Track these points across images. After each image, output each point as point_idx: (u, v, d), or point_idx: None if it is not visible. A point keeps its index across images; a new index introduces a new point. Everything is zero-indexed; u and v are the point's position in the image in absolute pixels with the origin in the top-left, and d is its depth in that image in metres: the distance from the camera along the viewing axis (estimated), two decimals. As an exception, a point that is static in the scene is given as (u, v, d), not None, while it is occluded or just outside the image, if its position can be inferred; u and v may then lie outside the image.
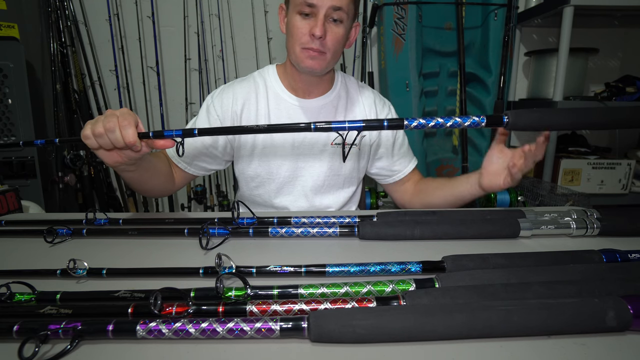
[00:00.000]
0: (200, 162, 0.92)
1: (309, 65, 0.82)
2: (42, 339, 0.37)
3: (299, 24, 0.80)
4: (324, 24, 0.78)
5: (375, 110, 0.97)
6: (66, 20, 1.91)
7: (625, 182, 1.82)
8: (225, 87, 0.93)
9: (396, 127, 0.57)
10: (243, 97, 0.91)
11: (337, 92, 0.95)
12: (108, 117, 0.61)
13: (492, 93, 1.84)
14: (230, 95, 0.91)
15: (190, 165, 0.92)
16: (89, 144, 0.62)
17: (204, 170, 0.94)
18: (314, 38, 0.79)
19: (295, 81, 0.91)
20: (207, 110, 0.91)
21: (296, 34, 0.81)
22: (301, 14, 0.79)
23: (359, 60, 1.94)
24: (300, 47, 0.81)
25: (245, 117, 0.90)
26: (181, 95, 2.04)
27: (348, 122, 0.57)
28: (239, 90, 0.91)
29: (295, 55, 0.83)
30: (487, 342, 0.38)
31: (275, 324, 0.38)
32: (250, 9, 2.00)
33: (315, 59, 0.81)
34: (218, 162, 0.95)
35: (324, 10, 0.77)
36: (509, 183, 0.77)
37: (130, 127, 0.61)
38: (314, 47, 0.80)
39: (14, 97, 1.61)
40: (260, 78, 0.94)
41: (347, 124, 0.57)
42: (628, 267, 0.50)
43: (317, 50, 0.80)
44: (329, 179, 0.95)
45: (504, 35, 1.78)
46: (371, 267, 0.53)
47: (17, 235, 0.74)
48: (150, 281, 0.53)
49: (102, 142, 0.62)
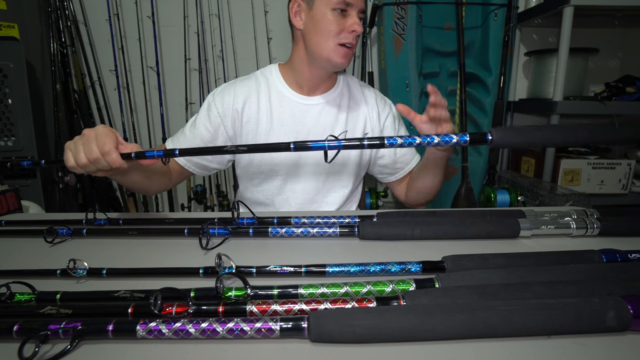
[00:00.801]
0: (200, 160, 0.93)
1: (342, 61, 0.85)
2: (42, 339, 0.37)
3: (338, 20, 0.81)
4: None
5: (377, 110, 0.97)
6: (66, 20, 1.91)
7: (625, 182, 1.82)
8: (226, 86, 0.94)
9: (377, 146, 0.57)
10: (244, 95, 0.91)
11: (340, 89, 0.95)
12: (88, 145, 0.62)
13: (492, 93, 1.84)
14: (232, 93, 0.91)
15: (189, 163, 0.92)
16: (77, 172, 0.65)
17: (203, 169, 0.95)
18: (353, 34, 0.82)
19: (304, 78, 0.91)
20: (208, 108, 0.92)
21: (333, 30, 0.82)
22: (335, 10, 0.81)
23: (359, 60, 1.94)
24: (336, 42, 0.83)
25: (246, 115, 0.91)
26: (181, 95, 2.04)
27: (327, 142, 0.57)
28: (240, 89, 0.92)
29: (328, 51, 0.83)
30: (487, 342, 0.38)
31: (275, 324, 0.38)
32: (250, 9, 2.00)
33: (349, 56, 0.85)
34: (218, 162, 0.95)
35: (357, 8, 0.81)
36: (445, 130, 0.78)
37: (113, 153, 0.62)
38: (352, 42, 0.83)
39: (14, 97, 1.61)
40: (262, 76, 0.94)
41: (327, 144, 0.57)
42: (628, 267, 0.50)
43: (353, 45, 0.84)
44: (330, 177, 0.96)
45: (504, 35, 1.78)
46: (371, 267, 0.53)
47: (17, 235, 0.74)
48: (150, 281, 0.53)
49: (90, 170, 0.64)
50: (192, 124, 0.92)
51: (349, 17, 0.81)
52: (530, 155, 1.98)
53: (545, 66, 1.90)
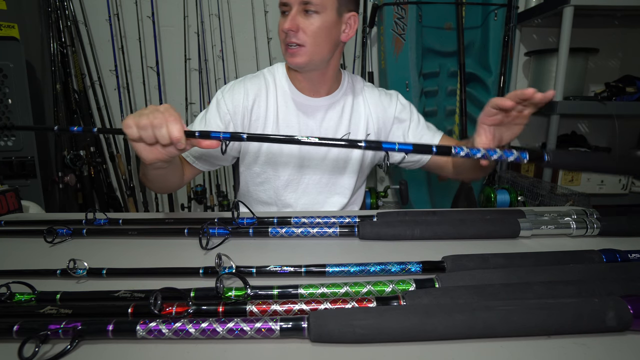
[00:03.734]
0: (208, 157, 0.93)
1: (291, 61, 0.85)
2: (42, 339, 0.37)
3: (282, 22, 0.83)
4: (294, 18, 0.81)
5: (382, 106, 0.96)
6: (66, 20, 1.91)
7: (625, 182, 1.82)
8: (236, 83, 0.93)
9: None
10: (254, 92, 0.91)
11: (344, 91, 0.95)
12: (153, 113, 0.60)
13: (492, 93, 1.84)
14: (242, 90, 0.91)
15: (198, 160, 0.92)
16: (130, 133, 0.60)
17: (211, 165, 0.95)
18: (282, 34, 0.83)
19: (298, 80, 0.91)
20: (217, 104, 0.91)
21: (278, 33, 0.85)
22: (281, 12, 0.84)
23: (359, 60, 1.94)
24: (283, 45, 0.85)
25: (255, 113, 0.91)
26: (181, 95, 2.04)
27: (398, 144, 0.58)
28: (250, 86, 0.91)
29: (283, 54, 0.86)
30: (487, 342, 0.38)
31: (275, 324, 0.38)
32: (250, 9, 2.00)
33: (295, 54, 0.84)
34: (224, 158, 0.95)
35: (295, 6, 0.81)
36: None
37: (177, 123, 0.59)
38: (289, 40, 0.83)
39: (14, 97, 1.61)
40: (270, 75, 0.94)
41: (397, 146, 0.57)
42: (628, 267, 0.50)
43: (294, 43, 0.83)
44: (333, 179, 0.96)
45: (504, 35, 1.78)
46: (371, 267, 0.53)
47: (17, 235, 0.74)
48: (150, 281, 0.53)
49: (145, 135, 0.59)
50: (202, 120, 0.91)
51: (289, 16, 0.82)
52: (530, 155, 1.97)
53: (545, 66, 1.90)
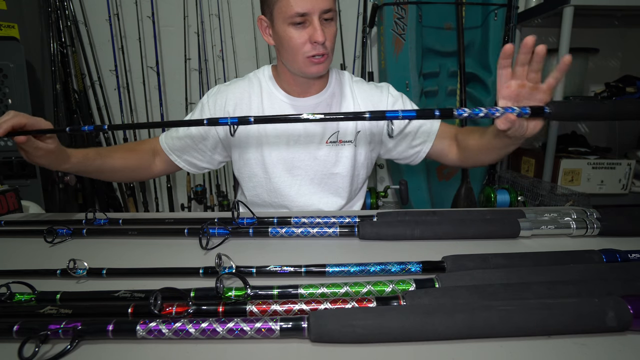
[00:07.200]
0: (190, 157, 0.95)
1: (316, 71, 0.83)
2: (42, 339, 0.38)
3: (296, 35, 0.79)
4: (322, 28, 0.78)
5: (373, 102, 0.94)
6: (66, 20, 1.91)
7: (625, 182, 1.82)
8: (220, 87, 0.95)
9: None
10: (236, 97, 0.92)
11: (332, 89, 0.94)
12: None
13: (492, 93, 1.83)
14: (224, 96, 0.92)
15: (180, 158, 0.94)
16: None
17: (193, 167, 0.96)
18: (316, 45, 0.79)
19: (290, 85, 0.91)
20: (201, 109, 0.94)
21: (295, 46, 0.80)
22: (293, 24, 0.78)
23: (359, 60, 1.94)
24: (303, 56, 0.81)
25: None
26: (181, 95, 2.04)
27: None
28: (233, 91, 0.92)
29: (298, 65, 0.82)
30: (487, 342, 0.38)
31: (275, 324, 0.38)
32: (250, 9, 2.00)
33: (321, 63, 0.82)
34: (208, 160, 0.96)
35: (316, 15, 0.77)
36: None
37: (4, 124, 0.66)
38: (319, 52, 0.80)
39: (14, 97, 1.61)
40: (255, 78, 0.94)
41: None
42: (628, 267, 0.50)
43: (322, 54, 0.80)
44: (325, 178, 0.95)
45: (504, 35, 1.78)
46: (371, 267, 0.53)
47: (17, 235, 0.74)
48: (150, 281, 0.53)
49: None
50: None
51: (309, 27, 0.78)
52: (530, 155, 1.98)
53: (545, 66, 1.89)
